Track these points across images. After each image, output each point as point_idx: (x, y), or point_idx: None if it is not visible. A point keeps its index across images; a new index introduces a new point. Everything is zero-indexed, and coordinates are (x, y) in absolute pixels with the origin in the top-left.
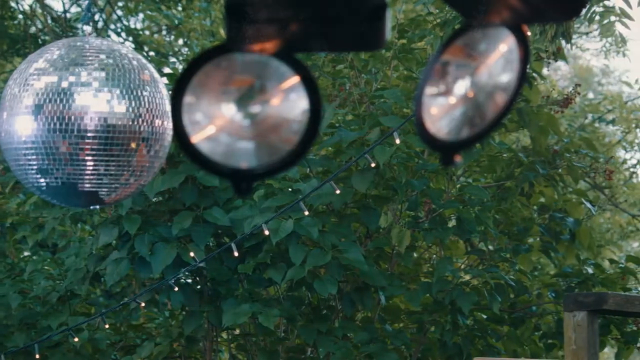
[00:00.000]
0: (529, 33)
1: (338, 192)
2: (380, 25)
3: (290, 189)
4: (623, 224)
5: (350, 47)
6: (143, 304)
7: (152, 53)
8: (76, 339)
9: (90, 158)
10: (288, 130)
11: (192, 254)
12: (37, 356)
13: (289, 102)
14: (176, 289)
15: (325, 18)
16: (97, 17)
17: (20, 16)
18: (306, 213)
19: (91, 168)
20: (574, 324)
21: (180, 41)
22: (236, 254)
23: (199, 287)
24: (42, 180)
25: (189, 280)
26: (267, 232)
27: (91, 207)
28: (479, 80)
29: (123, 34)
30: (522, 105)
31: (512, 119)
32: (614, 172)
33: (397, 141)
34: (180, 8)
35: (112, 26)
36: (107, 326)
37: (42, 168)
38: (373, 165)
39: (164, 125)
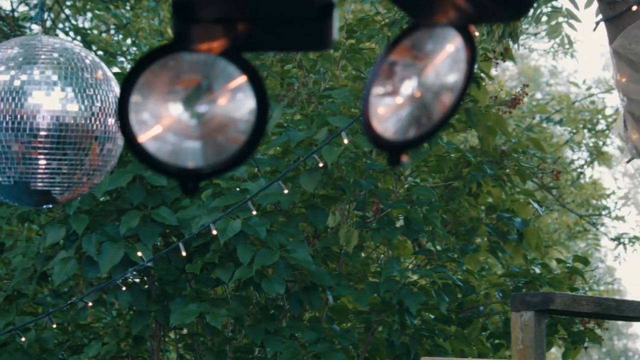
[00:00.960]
0: (476, 33)
1: (286, 191)
2: (328, 25)
3: (238, 189)
4: (570, 224)
5: (297, 47)
6: (90, 304)
7: (100, 52)
8: (23, 339)
9: (42, 157)
10: (235, 129)
11: (139, 254)
12: None
13: (236, 101)
14: (124, 288)
15: (272, 18)
16: (45, 15)
17: None
18: (254, 213)
19: (44, 167)
20: (521, 324)
21: (129, 41)
22: (184, 253)
23: (146, 286)
24: None
25: (137, 280)
26: (214, 232)
27: (44, 207)
28: (425, 80)
29: (71, 33)
30: (470, 105)
31: (460, 119)
32: (561, 172)
33: (345, 141)
34: (128, 7)
35: (60, 25)
36: (54, 326)
37: None
38: (321, 165)
39: (117, 124)
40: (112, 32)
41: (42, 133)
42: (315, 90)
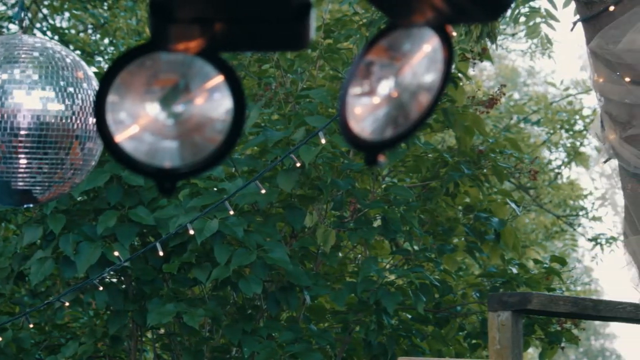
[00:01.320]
0: (454, 33)
1: (263, 191)
2: (305, 25)
3: (215, 189)
4: (548, 225)
5: (274, 47)
6: (67, 304)
7: (77, 52)
8: (0, 338)
9: (23, 156)
10: (212, 129)
11: (116, 254)
12: None
13: (213, 101)
14: (101, 288)
15: (249, 18)
16: (22, 15)
17: None
18: (231, 212)
19: (24, 166)
20: (498, 324)
21: (106, 40)
22: (161, 253)
23: (123, 286)
24: None
25: (114, 280)
26: (192, 232)
27: (24, 206)
28: (402, 80)
29: (49, 33)
30: (448, 105)
31: (437, 119)
32: (538, 172)
33: (323, 141)
34: (106, 7)
35: (38, 25)
36: (31, 325)
37: None
38: (298, 164)
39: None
40: (90, 31)
41: (23, 132)
42: (292, 90)
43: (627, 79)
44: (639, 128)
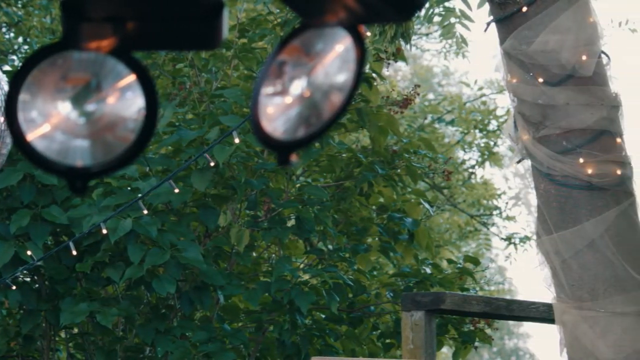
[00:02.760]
0: (368, 33)
1: (177, 191)
2: (217, 24)
3: (129, 188)
4: (461, 224)
5: (187, 46)
6: None
7: None
8: None
9: None
10: (124, 128)
11: (29, 253)
12: None
13: (125, 100)
14: (13, 287)
15: (161, 17)
16: None
17: None
18: (145, 212)
19: None
20: (412, 324)
21: (20, 39)
22: (74, 252)
23: (36, 285)
24: None
25: (27, 279)
26: (105, 231)
27: None
28: (315, 80)
29: None
30: (362, 105)
31: (351, 119)
32: (452, 172)
33: (237, 140)
34: (20, 5)
35: None
36: None
37: None
38: (212, 164)
39: (5, 122)
40: (4, 30)
41: None
42: (207, 89)
43: (540, 80)
44: (552, 129)
